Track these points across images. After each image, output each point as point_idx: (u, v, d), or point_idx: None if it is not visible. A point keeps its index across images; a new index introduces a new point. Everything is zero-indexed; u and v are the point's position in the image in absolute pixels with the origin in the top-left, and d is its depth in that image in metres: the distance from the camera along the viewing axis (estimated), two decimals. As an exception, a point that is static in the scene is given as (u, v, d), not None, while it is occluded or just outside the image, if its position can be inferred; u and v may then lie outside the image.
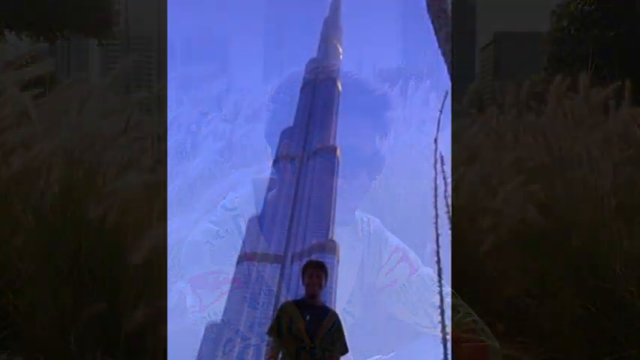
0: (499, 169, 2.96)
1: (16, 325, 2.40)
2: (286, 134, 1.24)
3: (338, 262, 1.58)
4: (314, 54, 1.32)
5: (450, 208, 0.80)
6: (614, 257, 2.34)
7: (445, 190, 0.82)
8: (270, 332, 1.89)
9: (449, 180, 0.80)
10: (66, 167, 2.42)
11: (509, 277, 2.69)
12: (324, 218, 1.22)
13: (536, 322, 2.52)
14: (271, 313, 1.63)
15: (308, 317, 1.93)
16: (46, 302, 2.37)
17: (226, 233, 1.48)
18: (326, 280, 1.88)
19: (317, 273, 1.89)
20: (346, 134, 1.47)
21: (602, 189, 2.49)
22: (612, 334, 2.22)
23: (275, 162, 1.19)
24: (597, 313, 2.29)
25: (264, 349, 1.66)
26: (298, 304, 1.84)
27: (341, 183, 1.44)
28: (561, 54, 22.52)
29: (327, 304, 1.79)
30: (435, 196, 0.79)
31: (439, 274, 0.82)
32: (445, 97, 0.93)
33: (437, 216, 0.78)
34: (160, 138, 2.58)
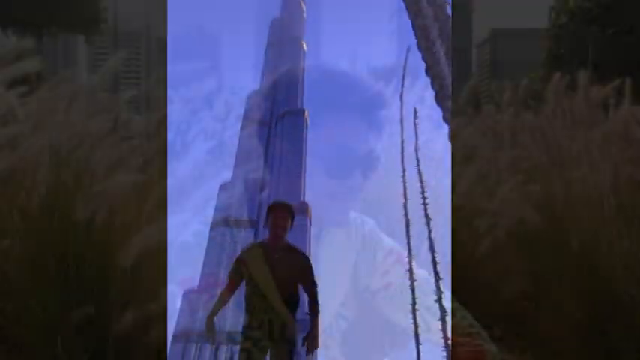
0: (496, 169, 2.91)
1: (3, 329, 2.35)
2: (252, 98, 1.20)
3: (310, 223, 1.54)
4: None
5: (423, 177, 0.75)
6: (614, 259, 2.30)
7: (417, 156, 0.77)
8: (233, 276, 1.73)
9: (418, 142, 0.76)
10: (53, 167, 2.38)
11: (507, 279, 2.65)
12: (295, 181, 1.19)
13: (535, 326, 2.47)
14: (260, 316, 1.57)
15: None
16: (32, 305, 2.33)
17: (218, 235, 1.44)
18: (292, 222, 1.81)
19: (282, 215, 1.81)
20: (339, 134, 1.42)
21: (602, 189, 2.44)
22: (611, 338, 2.18)
23: (243, 127, 1.15)
24: (596, 316, 2.25)
25: (254, 352, 1.62)
26: (265, 248, 1.72)
27: (335, 184, 1.39)
28: (560, 51, 22.35)
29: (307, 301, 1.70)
30: (402, 156, 0.74)
31: (408, 245, 0.77)
32: (408, 51, 0.87)
33: (406, 194, 0.73)
34: (151, 137, 2.53)
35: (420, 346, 1.64)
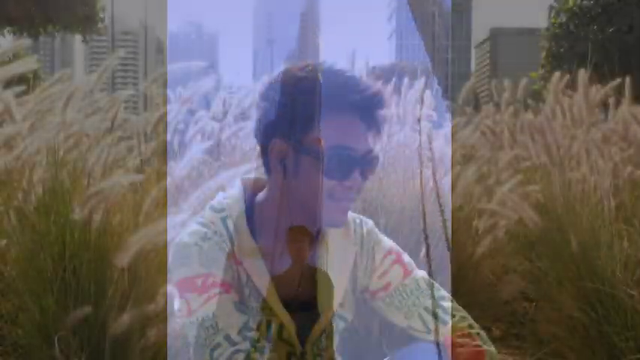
0: (496, 169, 2.92)
1: (-1, 330, 2.35)
2: (270, 127, 1.22)
3: (327, 251, 1.53)
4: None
5: (434, 171, 0.75)
6: (614, 260, 2.29)
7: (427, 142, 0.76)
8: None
9: (422, 139, 0.75)
10: (50, 167, 2.37)
11: (506, 280, 2.65)
12: (311, 209, 1.21)
13: (534, 326, 2.46)
14: (258, 316, 1.57)
15: (299, 317, 1.81)
16: (29, 306, 2.32)
17: (215, 235, 1.43)
18: (312, 245, 1.80)
19: (300, 238, 1.81)
20: (338, 133, 1.41)
21: (602, 189, 2.44)
22: (612, 339, 2.16)
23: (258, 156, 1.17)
24: (596, 317, 2.23)
25: (252, 353, 1.61)
26: (285, 277, 1.72)
27: (333, 184, 1.39)
28: (560, 51, 22.45)
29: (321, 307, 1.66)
30: (420, 153, 0.74)
31: (426, 242, 0.77)
32: (433, 50, 0.89)
33: (422, 189, 0.73)
34: (148, 137, 2.52)
35: (421, 347, 1.62)
